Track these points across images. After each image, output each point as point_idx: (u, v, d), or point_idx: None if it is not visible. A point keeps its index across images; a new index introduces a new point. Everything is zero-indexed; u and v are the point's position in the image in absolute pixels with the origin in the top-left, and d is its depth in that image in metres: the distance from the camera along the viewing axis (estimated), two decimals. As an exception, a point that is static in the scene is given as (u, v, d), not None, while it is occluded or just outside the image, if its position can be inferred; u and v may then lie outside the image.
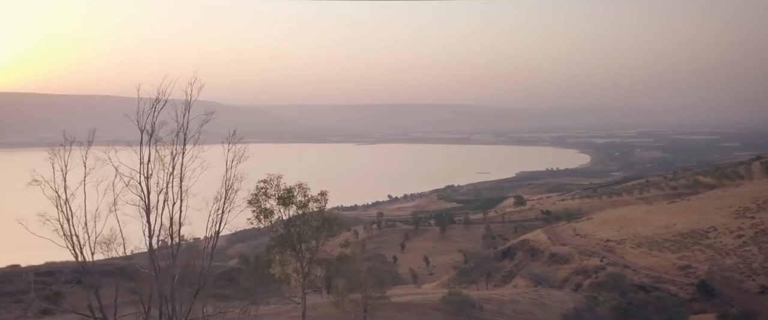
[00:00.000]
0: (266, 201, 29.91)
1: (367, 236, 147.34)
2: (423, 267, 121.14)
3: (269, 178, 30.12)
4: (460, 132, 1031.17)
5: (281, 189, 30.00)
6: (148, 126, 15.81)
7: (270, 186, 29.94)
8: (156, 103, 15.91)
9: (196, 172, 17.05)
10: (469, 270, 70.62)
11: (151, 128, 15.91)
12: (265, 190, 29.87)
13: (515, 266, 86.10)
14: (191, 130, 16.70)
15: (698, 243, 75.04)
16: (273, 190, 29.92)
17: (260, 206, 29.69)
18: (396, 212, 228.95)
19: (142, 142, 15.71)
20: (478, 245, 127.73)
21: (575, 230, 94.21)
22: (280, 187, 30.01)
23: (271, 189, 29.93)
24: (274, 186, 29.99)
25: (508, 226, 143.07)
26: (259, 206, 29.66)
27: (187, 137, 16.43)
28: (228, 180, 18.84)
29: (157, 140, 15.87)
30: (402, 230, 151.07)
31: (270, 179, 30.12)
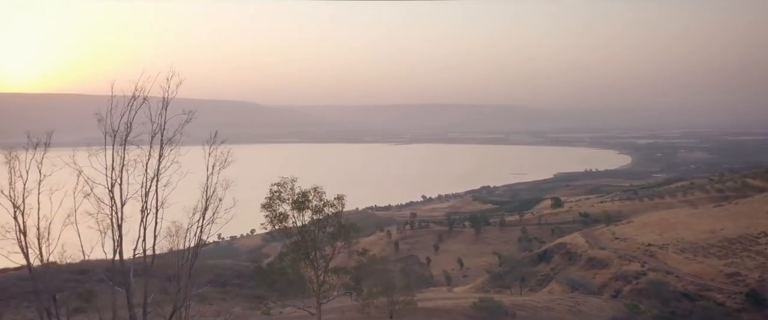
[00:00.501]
0: (280, 205, 28.65)
1: (400, 237, 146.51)
2: (457, 269, 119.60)
3: (283, 181, 28.93)
4: (496, 132, 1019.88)
5: (295, 192, 28.68)
6: (122, 126, 14.53)
7: (284, 189, 28.70)
8: (132, 101, 14.95)
9: (176, 177, 15.92)
10: (503, 274, 68.70)
11: (127, 128, 14.70)
12: (279, 194, 28.70)
13: (551, 270, 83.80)
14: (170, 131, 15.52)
15: (747, 249, 71.32)
16: (287, 194, 28.67)
17: (274, 210, 28.66)
18: (430, 213, 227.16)
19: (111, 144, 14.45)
20: (514, 248, 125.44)
21: (614, 233, 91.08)
22: (295, 191, 28.75)
23: (285, 192, 28.67)
24: (288, 190, 28.70)
25: (545, 229, 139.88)
26: (273, 210, 28.65)
27: (164, 138, 15.17)
28: (209, 188, 17.72)
29: (128, 142, 14.68)
30: (435, 231, 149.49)
31: (284, 182, 28.91)
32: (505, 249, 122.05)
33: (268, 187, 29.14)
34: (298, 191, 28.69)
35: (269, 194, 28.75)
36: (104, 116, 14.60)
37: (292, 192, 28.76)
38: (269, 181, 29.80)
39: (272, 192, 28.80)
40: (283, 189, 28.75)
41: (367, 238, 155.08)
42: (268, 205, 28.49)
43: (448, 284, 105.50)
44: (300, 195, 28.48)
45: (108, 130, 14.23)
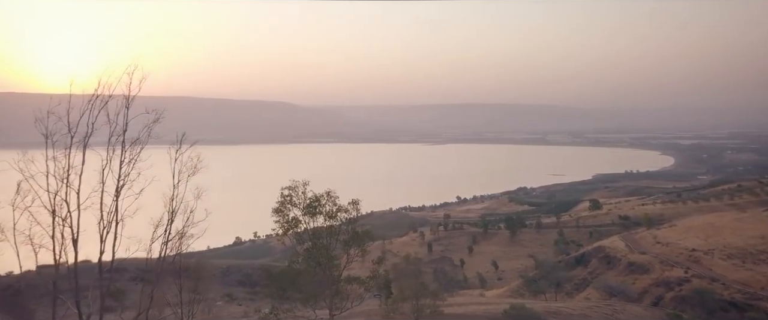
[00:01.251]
0: (291, 210, 27.40)
1: (433, 238, 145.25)
2: (491, 271, 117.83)
3: (294, 185, 27.73)
4: (534, 132, 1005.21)
5: (307, 196, 27.45)
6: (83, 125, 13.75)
7: (295, 193, 27.47)
8: (94, 99, 14.24)
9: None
10: (537, 278, 66.73)
11: (89, 128, 13.91)
12: (290, 198, 27.51)
13: (589, 274, 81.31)
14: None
15: (800, 256, 67.62)
16: (299, 199, 27.48)
17: (285, 215, 27.63)
18: (464, 214, 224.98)
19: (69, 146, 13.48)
20: (550, 250, 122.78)
21: (656, 237, 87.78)
22: (307, 195, 27.55)
23: (297, 196, 27.45)
24: (299, 194, 27.47)
25: (583, 231, 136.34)
26: (284, 216, 27.64)
27: (126, 139, 14.25)
28: (176, 197, 16.59)
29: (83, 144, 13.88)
30: (470, 233, 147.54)
31: (295, 186, 27.66)
32: (541, 252, 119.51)
33: (279, 191, 28.14)
34: (310, 195, 27.61)
35: (280, 198, 27.56)
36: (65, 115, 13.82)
37: (304, 196, 27.44)
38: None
39: (283, 196, 27.58)
40: (295, 193, 27.48)
41: (399, 239, 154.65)
42: (279, 210, 27.51)
43: (483, 287, 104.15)
44: (312, 199, 27.43)
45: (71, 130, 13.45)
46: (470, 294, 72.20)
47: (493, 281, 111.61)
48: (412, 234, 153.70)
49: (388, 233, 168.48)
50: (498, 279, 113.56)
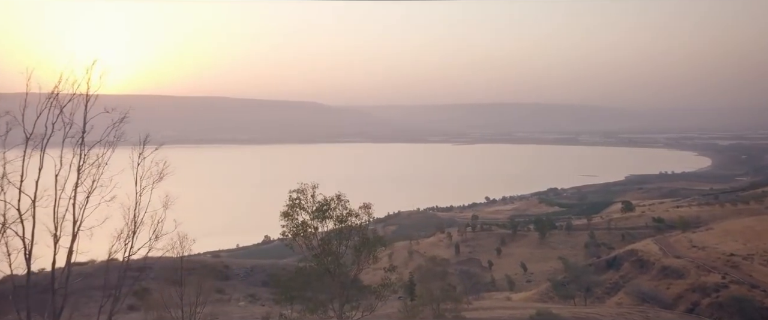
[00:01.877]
0: (300, 214, 26.22)
1: (460, 239, 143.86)
2: (520, 273, 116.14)
3: (302, 187, 26.73)
4: (565, 132, 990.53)
5: (316, 200, 26.34)
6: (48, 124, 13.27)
7: (304, 196, 26.44)
8: (52, 97, 13.79)
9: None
10: (566, 282, 64.98)
11: (50, 128, 13.45)
12: (299, 202, 26.44)
13: (621, 278, 79.11)
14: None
15: None
16: (308, 202, 26.39)
17: (293, 219, 26.80)
18: (493, 215, 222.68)
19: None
20: (580, 253, 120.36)
21: (692, 241, 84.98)
22: (316, 198, 26.65)
23: (306, 200, 26.35)
24: (308, 197, 26.42)
25: (614, 234, 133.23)
26: (292, 220, 26.83)
27: (85, 141, 13.72)
28: (137, 206, 15.81)
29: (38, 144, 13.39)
30: (498, 234, 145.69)
31: (303, 189, 26.65)
32: (571, 255, 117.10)
33: (288, 194, 27.03)
34: (320, 198, 26.77)
35: (288, 201, 26.59)
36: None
37: (313, 199, 26.38)
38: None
39: (292, 199, 26.59)
40: (303, 196, 26.54)
41: (427, 239, 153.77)
42: (287, 214, 26.75)
43: (511, 289, 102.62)
44: (321, 203, 26.60)
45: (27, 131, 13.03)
46: (496, 298, 70.98)
47: (522, 283, 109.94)
48: (439, 235, 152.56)
49: (415, 233, 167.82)
50: (527, 281, 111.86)
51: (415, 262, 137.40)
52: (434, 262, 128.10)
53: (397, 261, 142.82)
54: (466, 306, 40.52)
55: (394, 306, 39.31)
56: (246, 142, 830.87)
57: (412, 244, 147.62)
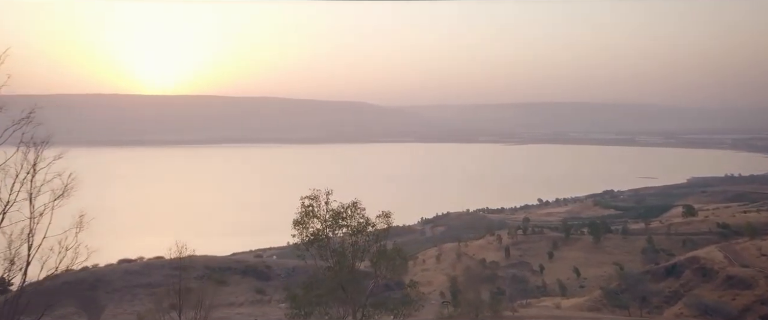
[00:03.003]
0: (313, 222, 24.64)
1: (511, 241, 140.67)
2: (572, 278, 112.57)
3: (316, 194, 25.05)
4: (622, 132, 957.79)
5: (330, 207, 24.83)
6: None
7: (317, 203, 24.90)
8: None
9: None
10: (619, 291, 61.60)
11: None
12: (312, 209, 24.96)
13: (681, 286, 74.83)
14: None
15: None
16: (321, 210, 24.83)
17: (306, 228, 25.40)
18: (545, 217, 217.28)
19: None
20: (637, 259, 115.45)
21: (761, 249, 79.50)
22: (330, 205, 25.27)
23: (318, 208, 24.79)
24: (322, 205, 24.87)
25: (675, 240, 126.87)
26: (305, 228, 25.50)
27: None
28: (32, 223, 14.53)
29: None
30: (550, 237, 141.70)
31: (317, 195, 25.02)
32: (627, 260, 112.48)
33: (299, 201, 25.11)
34: (336, 205, 25.29)
35: (301, 208, 25.00)
36: None
37: (327, 206, 24.80)
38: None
39: (304, 206, 25.03)
40: (316, 203, 25.02)
41: (476, 241, 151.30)
42: (300, 222, 25.41)
43: (563, 294, 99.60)
44: (335, 211, 25.14)
45: None
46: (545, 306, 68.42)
47: (575, 289, 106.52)
48: (488, 237, 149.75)
49: (464, 235, 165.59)
50: (580, 286, 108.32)
51: (464, 264, 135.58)
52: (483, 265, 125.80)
53: (444, 262, 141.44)
54: (511, 314, 38.71)
55: (434, 312, 38.25)
56: (298, 142, 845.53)
57: (461, 246, 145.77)
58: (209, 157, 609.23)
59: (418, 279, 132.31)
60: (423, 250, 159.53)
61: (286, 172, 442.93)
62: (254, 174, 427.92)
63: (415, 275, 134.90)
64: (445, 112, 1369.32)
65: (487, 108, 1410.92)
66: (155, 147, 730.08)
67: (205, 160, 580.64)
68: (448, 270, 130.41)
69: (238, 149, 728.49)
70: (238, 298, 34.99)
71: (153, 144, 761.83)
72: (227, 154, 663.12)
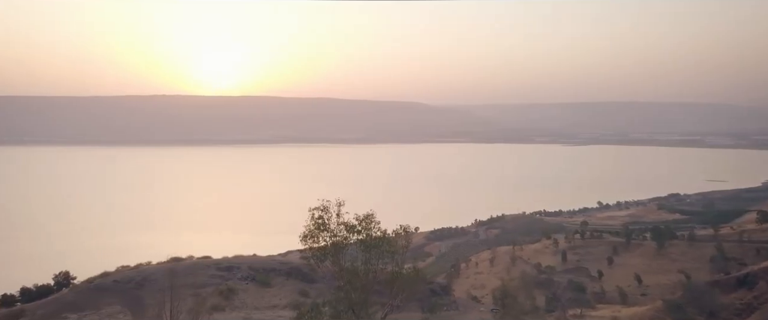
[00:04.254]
0: (322, 237, 22.31)
1: (568, 246, 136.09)
2: (634, 286, 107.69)
3: (326, 205, 22.71)
4: (689, 133, 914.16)
5: (341, 220, 22.49)
6: None
7: (328, 215, 22.62)
8: None
9: None
10: (683, 304, 57.34)
11: None
12: (323, 222, 22.60)
13: (754, 299, 69.38)
14: None
15: None
16: (332, 223, 22.51)
17: (315, 242, 23.00)
18: (605, 221, 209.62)
19: None
20: (704, 267, 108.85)
21: None
22: (341, 218, 23.20)
23: (329, 219, 22.56)
24: (333, 217, 22.58)
25: (747, 247, 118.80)
26: (314, 242, 23.20)
27: None
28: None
29: None
30: (610, 242, 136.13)
31: (327, 206, 22.71)
32: (693, 269, 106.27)
33: (308, 213, 22.90)
34: (349, 218, 23.20)
35: (310, 221, 22.73)
36: None
37: (338, 219, 22.52)
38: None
39: (314, 218, 22.77)
40: (327, 215, 22.67)
41: (531, 245, 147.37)
42: (309, 236, 23.37)
43: (623, 302, 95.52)
44: (346, 226, 22.97)
45: None
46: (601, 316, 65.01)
47: (636, 297, 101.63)
48: (545, 241, 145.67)
49: (520, 238, 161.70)
50: (641, 295, 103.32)
51: (518, 269, 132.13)
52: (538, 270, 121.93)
53: (498, 266, 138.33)
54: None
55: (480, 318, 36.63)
56: (351, 142, 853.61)
57: (516, 250, 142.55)
58: (268, 157, 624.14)
59: (470, 282, 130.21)
60: (476, 253, 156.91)
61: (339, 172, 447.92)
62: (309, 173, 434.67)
63: (468, 278, 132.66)
64: (500, 111, 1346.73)
65: (544, 107, 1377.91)
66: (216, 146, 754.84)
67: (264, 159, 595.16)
68: (502, 274, 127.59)
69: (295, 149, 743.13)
70: (282, 300, 34.61)
71: (214, 143, 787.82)
72: (284, 153, 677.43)
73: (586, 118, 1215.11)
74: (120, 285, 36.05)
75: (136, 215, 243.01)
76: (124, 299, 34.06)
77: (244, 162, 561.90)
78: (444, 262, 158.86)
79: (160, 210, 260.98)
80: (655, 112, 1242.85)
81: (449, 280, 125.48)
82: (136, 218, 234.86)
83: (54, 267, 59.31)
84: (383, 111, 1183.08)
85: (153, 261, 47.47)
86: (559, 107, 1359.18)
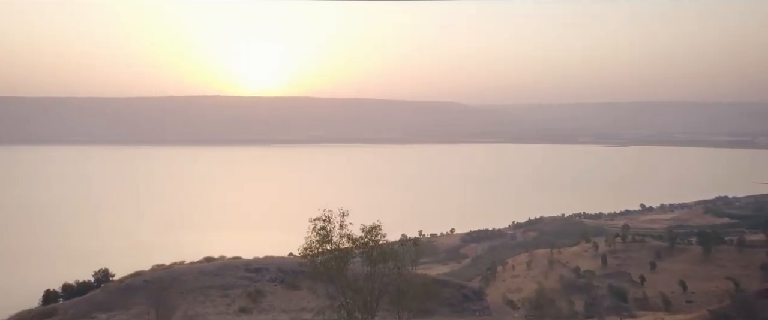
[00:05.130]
0: (323, 249, 21.10)
1: (608, 250, 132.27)
2: (678, 292, 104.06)
3: (328, 215, 21.46)
4: (739, 133, 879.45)
5: (344, 234, 21.14)
6: None
7: (331, 226, 21.37)
8: None
9: None
10: (730, 313, 54.20)
11: None
12: (326, 233, 21.33)
13: (810, 309, 65.63)
14: None
15: None
16: (335, 234, 21.23)
17: (315, 257, 21.66)
18: (648, 224, 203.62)
19: None
20: (755, 274, 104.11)
21: None
22: (345, 228, 21.92)
23: (332, 230, 21.24)
24: (336, 228, 21.35)
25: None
26: (314, 258, 21.77)
27: None
28: None
29: None
30: (653, 246, 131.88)
31: (329, 217, 21.49)
32: (742, 276, 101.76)
33: (310, 224, 21.59)
34: (354, 228, 21.88)
35: (312, 232, 21.37)
36: None
37: (341, 229, 21.14)
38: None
39: (316, 229, 21.50)
40: (329, 225, 21.39)
41: (570, 248, 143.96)
42: (309, 249, 21.93)
43: (667, 309, 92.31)
44: (349, 238, 21.65)
45: None
46: None
47: (681, 304, 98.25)
48: (584, 245, 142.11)
49: (558, 241, 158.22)
50: (687, 302, 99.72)
51: (556, 273, 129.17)
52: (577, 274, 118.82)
53: (536, 269, 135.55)
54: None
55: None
56: (389, 142, 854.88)
57: (554, 253, 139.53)
58: (305, 157, 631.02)
59: (507, 285, 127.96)
60: (513, 256, 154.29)
61: (374, 172, 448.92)
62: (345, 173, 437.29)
63: (504, 281, 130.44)
64: (540, 111, 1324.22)
65: (585, 107, 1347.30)
66: (254, 146, 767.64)
67: (302, 159, 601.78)
68: (539, 278, 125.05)
69: (331, 149, 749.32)
70: (310, 303, 34.19)
71: (252, 143, 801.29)
72: (321, 153, 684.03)
73: (629, 117, 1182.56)
74: (150, 285, 36.38)
75: (175, 214, 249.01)
76: (153, 299, 34.29)
77: (282, 162, 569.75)
78: (480, 265, 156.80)
79: (199, 209, 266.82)
80: (701, 111, 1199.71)
81: (485, 283, 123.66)
82: (175, 217, 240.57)
83: (94, 265, 60.92)
84: (420, 111, 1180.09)
85: (186, 261, 47.92)
86: (600, 107, 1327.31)
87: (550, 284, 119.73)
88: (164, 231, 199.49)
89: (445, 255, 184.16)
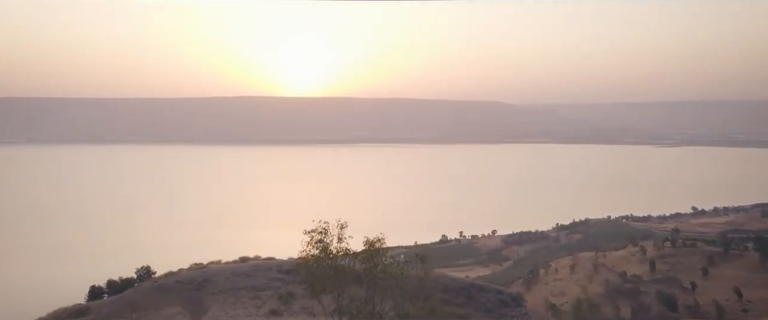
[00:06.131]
0: (319, 263, 20.41)
1: (657, 254, 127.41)
2: (733, 300, 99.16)
3: (324, 227, 20.11)
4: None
5: (342, 248, 19.79)
6: None
7: (328, 237, 20.10)
8: None
9: None
10: None
11: None
12: (324, 246, 20.01)
13: None
14: None
15: None
16: (334, 249, 19.82)
17: (312, 273, 20.27)
18: (700, 228, 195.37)
19: None
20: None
21: None
22: (344, 240, 20.49)
23: (330, 242, 19.86)
24: (334, 240, 19.98)
25: None
26: (310, 274, 20.45)
27: None
28: None
29: None
30: (705, 251, 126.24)
31: (325, 229, 20.17)
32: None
33: (306, 235, 20.30)
34: (352, 241, 20.45)
35: (309, 245, 20.00)
36: None
37: (340, 241, 19.84)
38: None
39: (314, 241, 20.20)
40: (326, 237, 20.04)
41: (616, 252, 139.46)
42: (303, 265, 20.52)
43: (720, 317, 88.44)
44: (347, 252, 20.23)
45: None
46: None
47: (736, 313, 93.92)
48: (631, 248, 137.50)
49: (604, 244, 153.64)
50: (742, 310, 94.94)
51: (601, 277, 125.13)
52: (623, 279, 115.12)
53: (579, 273, 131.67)
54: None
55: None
56: (432, 142, 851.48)
57: (599, 256, 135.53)
58: (347, 157, 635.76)
59: (549, 289, 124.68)
60: (556, 259, 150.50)
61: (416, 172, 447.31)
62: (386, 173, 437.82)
63: (547, 285, 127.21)
64: (585, 110, 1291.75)
65: (634, 106, 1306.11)
66: (297, 146, 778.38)
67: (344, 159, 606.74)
68: (583, 282, 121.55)
69: (373, 148, 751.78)
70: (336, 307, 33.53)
71: (295, 143, 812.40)
72: (363, 153, 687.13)
73: (681, 117, 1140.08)
74: (182, 286, 36.54)
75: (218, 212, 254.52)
76: (185, 300, 34.42)
77: (325, 162, 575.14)
78: (521, 267, 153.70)
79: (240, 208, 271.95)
80: (759, 111, 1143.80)
81: (526, 287, 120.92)
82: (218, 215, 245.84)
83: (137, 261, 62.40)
84: (463, 110, 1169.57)
85: (223, 260, 48.08)
86: (650, 106, 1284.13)
87: (594, 289, 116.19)
88: (205, 230, 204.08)
89: (486, 257, 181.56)
